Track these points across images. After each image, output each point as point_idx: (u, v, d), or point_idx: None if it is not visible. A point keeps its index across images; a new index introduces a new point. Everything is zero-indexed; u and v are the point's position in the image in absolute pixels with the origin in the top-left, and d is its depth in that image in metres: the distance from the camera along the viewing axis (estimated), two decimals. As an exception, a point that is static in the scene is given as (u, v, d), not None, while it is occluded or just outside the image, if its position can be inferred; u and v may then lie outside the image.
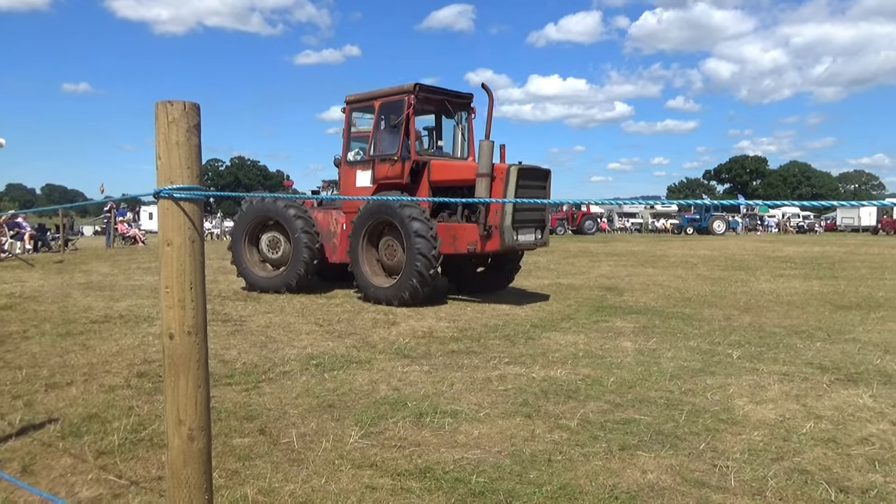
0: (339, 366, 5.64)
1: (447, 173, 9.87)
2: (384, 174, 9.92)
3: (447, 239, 9.28)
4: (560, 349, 6.42)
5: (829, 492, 3.15)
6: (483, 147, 9.06)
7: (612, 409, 4.45)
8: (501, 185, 8.91)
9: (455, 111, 10.70)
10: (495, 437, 3.91)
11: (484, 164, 8.93)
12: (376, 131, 10.22)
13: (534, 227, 9.54)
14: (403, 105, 9.73)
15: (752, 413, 4.39)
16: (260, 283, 10.66)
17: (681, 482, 3.26)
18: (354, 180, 10.47)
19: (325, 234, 10.64)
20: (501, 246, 8.95)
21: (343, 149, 10.76)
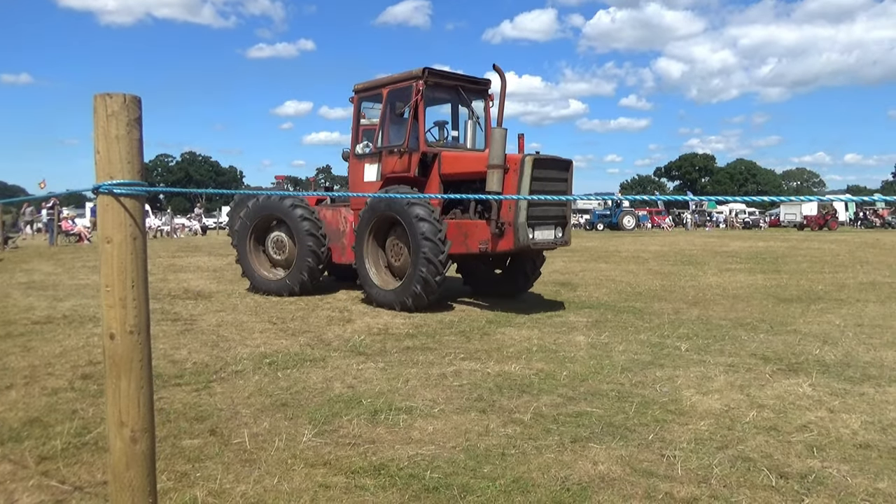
0: (292, 364, 5.58)
1: (459, 165, 8.98)
2: (391, 167, 9.20)
3: (458, 237, 8.54)
4: (515, 344, 6.48)
5: (770, 478, 3.27)
6: (495, 135, 8.15)
7: (565, 403, 4.52)
8: (515, 178, 8.05)
9: (469, 98, 9.81)
10: (450, 432, 3.92)
11: (496, 155, 7.99)
12: (384, 121, 9.55)
13: (553, 223, 8.57)
14: (411, 92, 8.98)
15: (699, 403, 4.52)
16: (263, 285, 10.09)
17: (630, 472, 3.33)
18: (363, 175, 9.77)
19: (333, 233, 9.96)
20: (515, 245, 8.06)
21: (352, 141, 10.16)
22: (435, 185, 9.05)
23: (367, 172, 9.67)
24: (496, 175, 7.95)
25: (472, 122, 9.99)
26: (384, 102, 9.44)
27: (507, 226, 8.07)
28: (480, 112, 10.04)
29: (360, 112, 10.07)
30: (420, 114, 9.01)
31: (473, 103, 9.88)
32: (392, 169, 9.17)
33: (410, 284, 8.21)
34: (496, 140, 8.09)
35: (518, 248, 8.13)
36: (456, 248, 8.46)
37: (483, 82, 9.84)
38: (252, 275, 10.28)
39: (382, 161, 9.35)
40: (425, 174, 9.13)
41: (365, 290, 9.03)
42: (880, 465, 3.45)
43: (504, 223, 8.09)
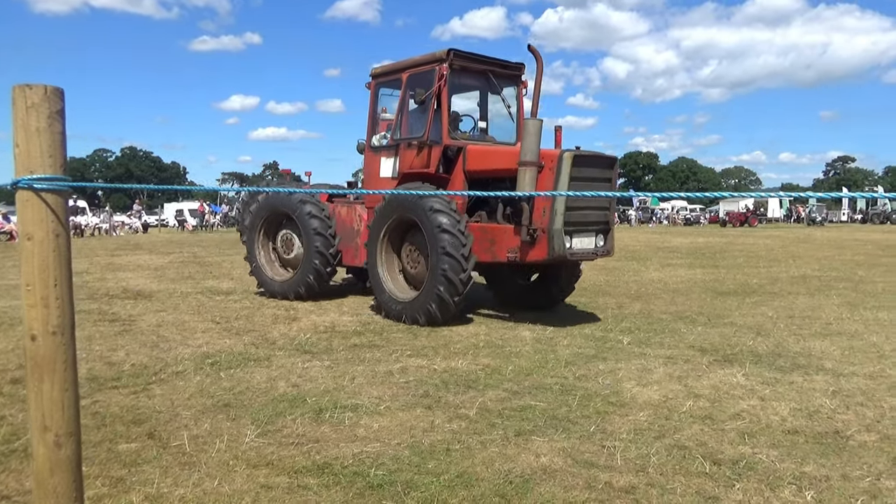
0: (236, 364, 5.47)
1: (486, 161, 7.87)
2: (409, 162, 8.18)
3: (483, 244, 7.46)
4: (462, 340, 6.52)
5: (704, 465, 3.39)
6: (528, 127, 7.03)
7: (510, 397, 4.58)
8: (551, 177, 6.97)
9: (500, 85, 8.67)
10: (395, 429, 3.92)
11: (529, 150, 6.92)
12: (403, 110, 8.50)
13: (594, 230, 7.48)
14: (434, 77, 7.91)
15: (639, 395, 4.65)
16: (269, 285, 9.47)
17: (572, 463, 3.40)
18: (378, 169, 8.73)
19: (346, 232, 9.02)
20: (549, 255, 6.92)
21: (367, 132, 9.08)
22: (459, 183, 7.98)
23: (384, 167, 8.65)
24: (529, 173, 6.91)
25: (506, 111, 8.94)
26: (403, 89, 8.38)
27: (541, 232, 6.95)
28: (512, 101, 8.89)
29: (377, 99, 8.98)
30: (443, 102, 7.96)
31: (504, 91, 8.75)
32: (410, 164, 8.17)
33: (426, 301, 7.21)
34: (530, 133, 7.01)
35: (552, 258, 6.98)
36: (481, 256, 7.43)
37: (516, 67, 8.70)
38: (258, 274, 9.67)
39: (400, 155, 8.36)
40: (448, 171, 8.08)
41: (375, 294, 8.10)
42: (806, 450, 3.61)
43: (537, 229, 6.99)
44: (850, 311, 8.35)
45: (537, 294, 8.67)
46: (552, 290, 8.50)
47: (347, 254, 9.02)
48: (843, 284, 11.13)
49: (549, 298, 8.54)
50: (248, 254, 9.78)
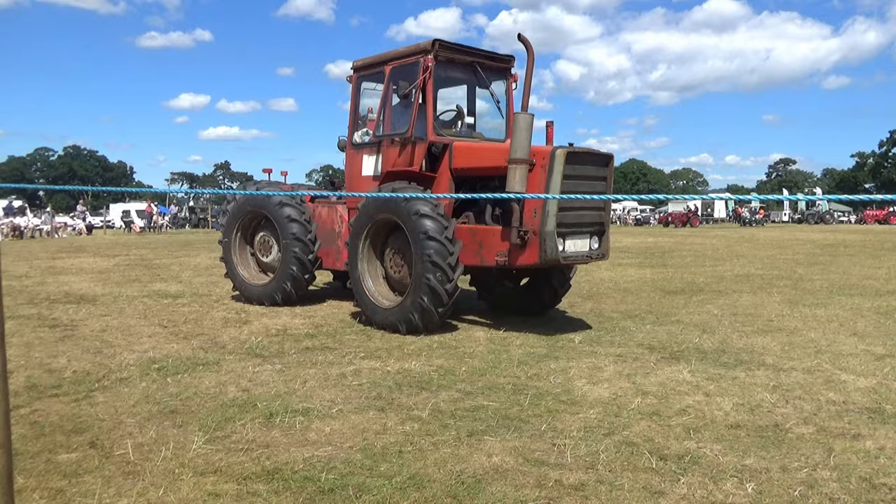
0: (183, 369, 5.34)
1: (474, 159, 7.40)
2: (392, 160, 7.76)
3: (471, 246, 7.00)
4: (415, 341, 6.51)
5: (651, 460, 3.47)
6: (518, 122, 6.50)
7: (463, 398, 4.59)
8: (543, 176, 6.53)
9: (489, 78, 8.24)
10: (347, 432, 3.89)
11: (519, 146, 6.42)
12: (385, 105, 8.04)
13: (589, 232, 7.06)
14: (418, 69, 7.51)
15: (589, 393, 4.73)
16: (245, 290, 9.01)
17: (523, 462, 3.44)
18: (360, 167, 8.31)
19: (327, 234, 8.61)
20: (541, 258, 6.48)
21: (349, 128, 8.59)
22: (445, 182, 7.52)
23: (366, 165, 8.24)
24: (519, 171, 6.42)
25: (491, 106, 8.52)
26: (386, 82, 7.94)
27: (532, 235, 6.53)
28: (501, 95, 8.43)
29: (359, 94, 8.57)
30: (429, 96, 7.50)
31: (493, 84, 8.33)
32: (393, 162, 7.74)
33: (408, 310, 6.74)
34: (520, 128, 6.48)
35: (544, 261, 6.54)
36: (468, 260, 6.96)
37: (505, 59, 8.29)
38: (234, 277, 9.23)
39: (382, 152, 7.94)
40: (433, 169, 7.61)
41: (355, 299, 7.60)
42: (748, 444, 3.74)
43: (528, 231, 6.55)
44: (791, 308, 8.67)
45: (528, 299, 8.26)
46: (544, 296, 8.09)
47: (328, 256, 8.61)
48: (783, 282, 11.55)
49: (540, 304, 8.16)
50: (224, 256, 9.35)
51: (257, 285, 8.89)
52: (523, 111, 6.71)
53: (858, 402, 4.49)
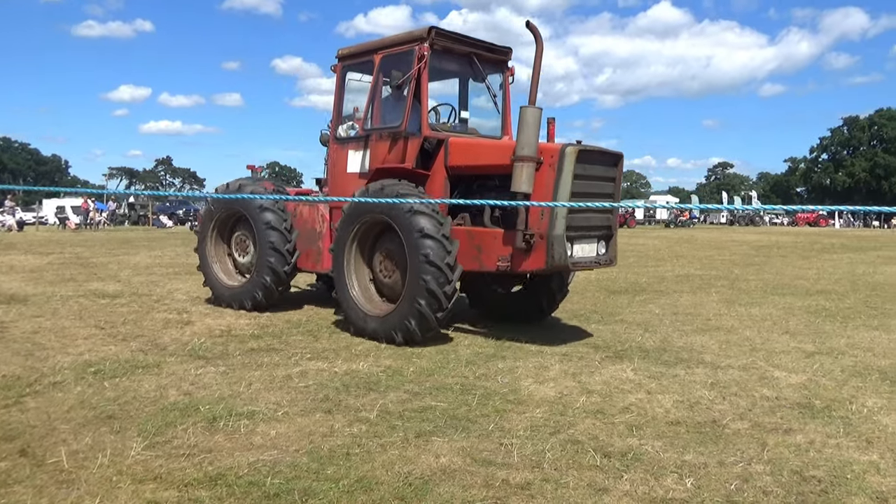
0: (121, 372, 5.15)
1: (473, 156, 6.87)
2: (382, 156, 7.21)
3: (469, 251, 6.47)
4: (363, 342, 6.46)
5: (595, 458, 3.54)
6: (526, 117, 6.04)
7: (411, 398, 4.59)
8: (551, 175, 6.04)
9: (486, 71, 7.74)
10: (293, 435, 3.83)
11: (527, 143, 6.02)
12: (374, 97, 7.48)
13: (596, 237, 6.65)
14: (412, 58, 6.98)
15: (536, 392, 4.79)
16: (218, 291, 8.46)
17: (470, 462, 3.46)
18: (345, 164, 7.73)
19: (308, 234, 8.01)
20: (548, 264, 6.03)
21: (332, 121, 8.03)
22: (439, 180, 6.98)
23: (351, 161, 7.67)
24: (527, 170, 6.00)
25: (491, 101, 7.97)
26: (375, 72, 7.39)
27: (539, 238, 6.05)
28: (497, 89, 7.95)
29: (343, 85, 7.99)
30: (423, 87, 6.99)
31: (489, 78, 7.85)
32: (383, 158, 7.20)
33: (403, 316, 6.25)
34: (527, 123, 6.03)
35: (551, 267, 6.11)
36: (466, 265, 6.41)
37: (503, 51, 7.80)
38: (208, 277, 8.65)
39: (371, 147, 7.41)
40: (426, 166, 7.07)
41: (343, 310, 6.97)
42: (687, 440, 3.86)
43: (534, 234, 6.07)
44: (728, 307, 9.00)
45: (523, 306, 7.79)
46: (541, 302, 7.62)
47: (308, 258, 8.00)
48: (721, 282, 11.97)
49: (537, 311, 7.69)
50: (199, 257, 8.78)
51: (231, 287, 8.37)
52: (531, 105, 6.18)
53: (790, 398, 4.70)
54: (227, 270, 8.63)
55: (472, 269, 6.56)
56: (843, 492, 3.18)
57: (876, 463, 3.53)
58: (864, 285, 11.62)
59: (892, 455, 3.64)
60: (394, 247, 6.61)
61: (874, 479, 3.33)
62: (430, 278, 6.05)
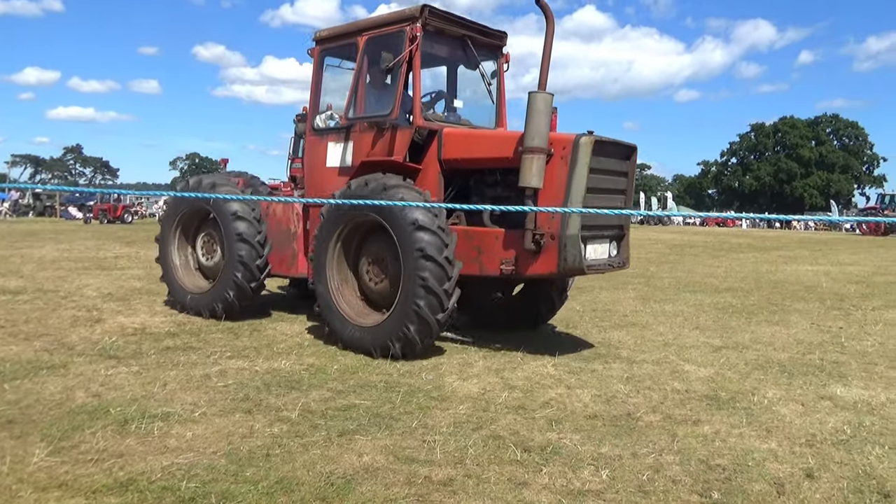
0: (23, 373, 4.85)
1: (470, 148, 6.30)
2: (368, 148, 6.57)
3: (468, 253, 5.85)
4: (286, 340, 6.35)
5: (516, 453, 3.62)
6: (537, 103, 5.49)
7: (334, 397, 4.55)
8: (563, 168, 5.51)
9: (480, 57, 7.10)
10: (211, 437, 3.72)
11: (537, 132, 5.46)
12: (358, 83, 6.82)
13: (609, 237, 6.18)
14: (402, 40, 6.36)
15: (460, 388, 4.85)
16: (182, 297, 7.55)
17: (393, 460, 3.46)
18: (324, 157, 7.00)
19: (281, 235, 7.26)
20: (560, 267, 5.49)
21: (309, 110, 7.34)
22: (432, 175, 6.35)
23: (331, 154, 6.95)
24: (537, 162, 5.46)
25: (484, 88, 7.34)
26: (360, 56, 6.74)
27: (549, 239, 5.51)
28: (490, 77, 7.34)
29: (321, 70, 7.32)
30: (416, 71, 6.44)
31: (483, 64, 7.23)
32: (368, 150, 6.56)
33: (400, 323, 5.54)
34: (538, 111, 5.48)
35: (564, 271, 5.57)
36: (465, 268, 5.78)
37: (499, 35, 7.23)
38: (170, 281, 7.72)
39: (355, 138, 6.74)
40: (416, 160, 6.43)
41: (325, 320, 6.17)
42: (604, 433, 4.00)
43: (543, 234, 5.53)
44: (643, 304, 9.37)
45: (521, 311, 7.28)
46: (540, 307, 7.13)
47: (282, 261, 7.26)
48: (637, 280, 12.43)
49: (533, 318, 7.20)
50: (161, 258, 7.86)
51: (195, 292, 7.47)
52: (542, 90, 5.60)
53: (699, 391, 4.94)
54: (190, 273, 7.75)
55: (472, 273, 5.91)
56: (745, 478, 3.38)
57: (774, 451, 3.77)
58: (767, 283, 12.37)
59: (789, 443, 3.90)
60: (382, 249, 6.01)
61: (773, 465, 3.56)
62: (427, 275, 5.43)
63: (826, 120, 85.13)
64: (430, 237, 5.50)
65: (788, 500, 3.16)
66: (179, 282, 7.63)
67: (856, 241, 33.05)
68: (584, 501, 3.08)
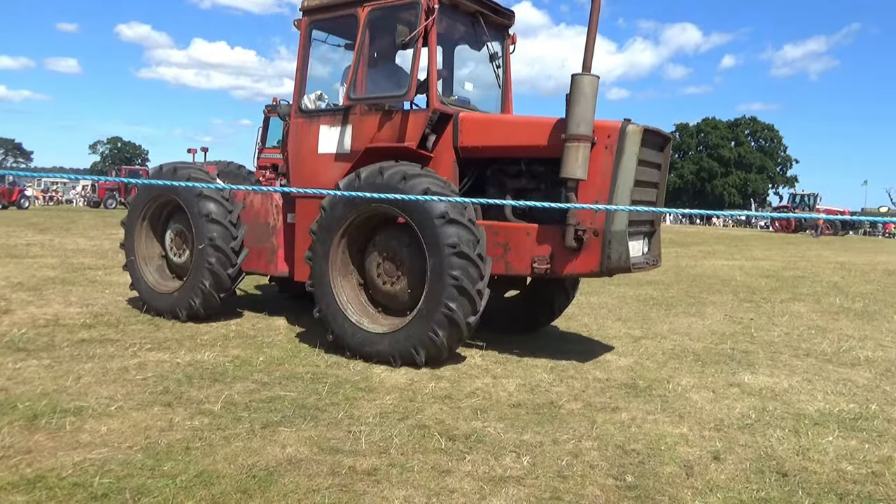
0: (-80, 368, 4.55)
1: (492, 135, 5.75)
2: (371, 132, 5.91)
3: (492, 249, 5.36)
4: (210, 331, 6.19)
5: (440, 441, 3.67)
6: (583, 86, 5.06)
7: (259, 388, 4.48)
8: (609, 158, 5.09)
9: (488, 36, 6.52)
10: (127, 431, 3.60)
11: (583, 118, 5.02)
12: (360, 61, 6.07)
13: (643, 233, 5.81)
14: (416, 13, 5.68)
15: (388, 379, 4.86)
16: (148, 296, 6.81)
17: (318, 451, 3.45)
18: (315, 143, 6.27)
19: (258, 229, 6.58)
20: (603, 266, 5.09)
21: (295, 88, 6.53)
22: (446, 163, 5.78)
23: (325, 139, 6.22)
24: (582, 151, 5.02)
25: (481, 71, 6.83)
26: (361, 30, 6.01)
27: (591, 235, 5.09)
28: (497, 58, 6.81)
29: (309, 45, 6.52)
30: (432, 48, 5.78)
31: (490, 44, 6.65)
32: (373, 135, 5.90)
33: (425, 327, 5.06)
34: (584, 94, 5.05)
35: (607, 269, 5.14)
36: (493, 267, 5.33)
37: (507, 14, 6.69)
38: (136, 278, 6.96)
39: (354, 122, 6.04)
40: (426, 147, 5.81)
41: (331, 329, 5.52)
42: (527, 420, 4.11)
43: (587, 230, 5.11)
44: (570, 296, 9.61)
45: (522, 313, 6.78)
46: (544, 308, 6.74)
47: (260, 258, 6.58)
48: (566, 272, 12.76)
49: (538, 318, 6.77)
50: (126, 253, 7.07)
51: (163, 292, 6.75)
52: (587, 72, 5.14)
53: (618, 379, 5.14)
54: (160, 271, 7.04)
55: (497, 272, 5.45)
56: (657, 462, 3.55)
57: (686, 435, 3.97)
58: (686, 277, 12.93)
59: (699, 427, 4.11)
60: (397, 245, 5.47)
61: (683, 449, 3.75)
62: (459, 273, 4.92)
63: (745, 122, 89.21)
64: (463, 232, 5.02)
65: (696, 481, 3.34)
66: (146, 281, 6.89)
67: (769, 237, 35.02)
68: (505, 487, 3.16)
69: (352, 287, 5.66)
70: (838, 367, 5.82)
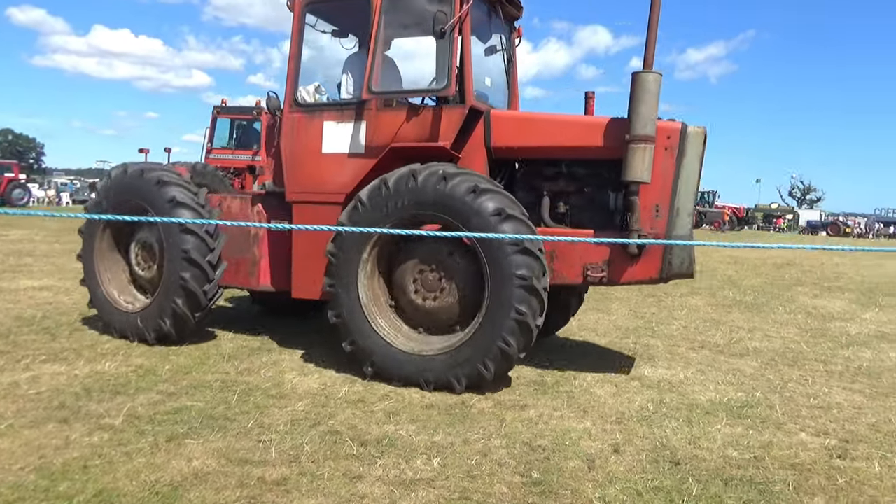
0: None
1: (532, 135, 5.38)
2: (394, 130, 5.31)
3: None
4: (111, 340, 5.91)
5: (352, 447, 3.69)
6: (646, 84, 4.82)
7: (165, 400, 4.34)
8: (670, 159, 4.92)
9: (499, 28, 6.18)
10: (19, 451, 3.42)
11: (648, 118, 4.78)
12: (375, 51, 5.37)
13: None
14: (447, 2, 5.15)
15: (300, 385, 4.82)
16: (109, 315, 5.99)
17: (226, 463, 3.39)
18: (318, 140, 5.56)
19: (236, 238, 5.86)
20: (663, 273, 4.95)
21: (288, 80, 5.78)
22: (478, 164, 5.35)
23: (330, 136, 5.55)
24: (648, 153, 4.81)
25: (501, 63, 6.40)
26: (377, 17, 5.37)
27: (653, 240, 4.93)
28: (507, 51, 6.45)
29: (303, 31, 5.82)
30: (466, 39, 5.31)
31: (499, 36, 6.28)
32: (395, 133, 5.30)
33: (483, 351, 4.68)
34: (648, 91, 4.81)
35: (668, 276, 5.00)
36: None
37: (519, 5, 6.31)
38: (95, 296, 6.11)
39: (369, 118, 5.41)
40: (457, 147, 5.34)
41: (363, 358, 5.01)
42: (439, 422, 4.19)
43: (646, 236, 4.94)
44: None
45: None
46: (563, 314, 6.44)
47: (239, 272, 5.90)
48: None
49: (553, 325, 6.40)
50: (85, 269, 6.23)
51: (126, 311, 5.94)
52: (649, 69, 4.88)
53: (528, 377, 5.31)
54: (123, 288, 6.18)
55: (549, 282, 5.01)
56: (562, 457, 3.71)
57: (589, 429, 4.17)
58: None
59: (602, 421, 4.33)
60: (440, 253, 5.01)
61: (586, 443, 3.94)
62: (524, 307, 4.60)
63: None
64: (532, 262, 4.65)
65: (597, 473, 3.52)
66: (109, 299, 6.05)
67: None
68: (416, 490, 3.23)
69: (379, 305, 5.15)
70: (729, 358, 6.25)
